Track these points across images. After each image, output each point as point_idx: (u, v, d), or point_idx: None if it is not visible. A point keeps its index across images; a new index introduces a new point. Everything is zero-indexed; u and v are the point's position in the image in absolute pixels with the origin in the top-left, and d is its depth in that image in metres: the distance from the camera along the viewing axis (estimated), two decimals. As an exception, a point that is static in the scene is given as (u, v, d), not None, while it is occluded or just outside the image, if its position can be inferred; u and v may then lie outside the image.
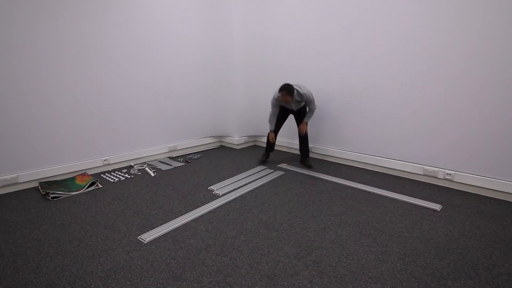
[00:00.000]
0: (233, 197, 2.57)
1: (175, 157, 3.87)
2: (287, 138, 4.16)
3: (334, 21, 3.33)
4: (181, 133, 4.00)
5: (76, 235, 1.96)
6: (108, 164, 3.29)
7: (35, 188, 2.73)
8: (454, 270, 1.62)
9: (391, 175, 3.16)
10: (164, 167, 3.43)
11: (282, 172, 3.24)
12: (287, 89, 3.00)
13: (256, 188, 2.79)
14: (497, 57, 2.41)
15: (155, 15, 3.41)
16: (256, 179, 3.02)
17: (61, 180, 2.85)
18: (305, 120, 3.35)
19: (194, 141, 4.17)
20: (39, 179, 2.79)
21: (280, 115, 3.44)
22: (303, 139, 3.48)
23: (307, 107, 3.34)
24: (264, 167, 3.44)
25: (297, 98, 3.17)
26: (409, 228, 2.06)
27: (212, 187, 2.80)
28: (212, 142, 4.43)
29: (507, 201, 2.51)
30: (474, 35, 2.49)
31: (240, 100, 4.21)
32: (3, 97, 2.52)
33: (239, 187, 2.80)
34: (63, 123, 2.89)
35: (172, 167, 3.44)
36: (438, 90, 2.74)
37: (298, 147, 4.02)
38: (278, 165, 3.51)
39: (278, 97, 3.11)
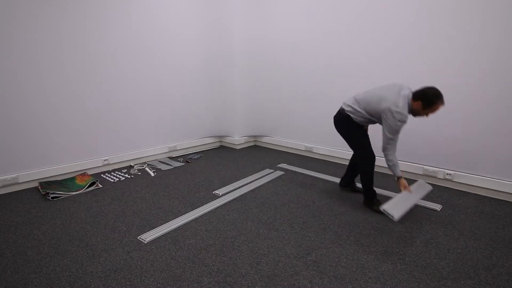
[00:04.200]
0: (233, 197, 2.57)
1: (175, 157, 3.87)
2: (288, 138, 4.15)
3: (335, 19, 3.33)
4: (181, 133, 3.99)
5: (76, 235, 1.95)
6: (108, 164, 3.29)
7: (35, 188, 2.73)
8: (454, 270, 1.62)
9: (391, 175, 3.16)
10: (164, 167, 3.43)
11: (282, 172, 3.24)
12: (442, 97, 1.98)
13: (256, 188, 2.79)
14: (497, 57, 2.41)
15: (155, 14, 3.41)
16: (256, 179, 3.02)
17: (61, 180, 2.85)
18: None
19: (194, 141, 4.17)
20: (39, 179, 2.79)
21: (361, 130, 2.41)
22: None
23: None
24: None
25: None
26: (409, 228, 2.06)
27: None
28: (212, 142, 4.43)
29: (507, 201, 2.51)
30: (474, 34, 2.49)
31: (240, 100, 4.20)
32: (4, 97, 2.52)
33: (239, 187, 2.80)
34: (63, 123, 2.89)
35: (172, 167, 3.44)
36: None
37: (297, 147, 4.03)
38: (278, 165, 3.51)
39: (431, 108, 2.00)
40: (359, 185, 2.85)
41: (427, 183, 2.45)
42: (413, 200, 2.10)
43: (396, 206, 1.88)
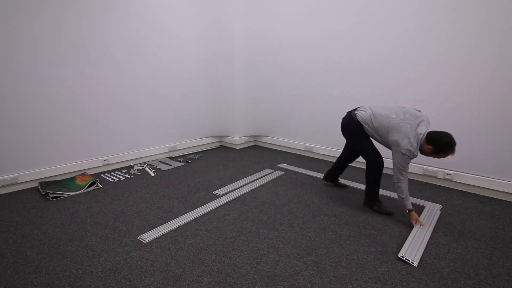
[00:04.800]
0: (233, 197, 2.57)
1: (175, 157, 3.87)
2: (288, 138, 4.15)
3: (335, 19, 3.32)
4: (181, 133, 3.99)
5: (76, 235, 1.95)
6: (108, 164, 3.29)
7: (35, 188, 2.73)
8: (454, 270, 1.62)
9: (391, 175, 3.15)
10: (164, 167, 3.43)
11: (282, 172, 3.24)
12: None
13: (256, 188, 2.79)
14: (496, 58, 2.41)
15: (155, 14, 3.41)
16: (256, 179, 3.02)
17: (61, 180, 2.85)
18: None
19: (194, 141, 4.17)
20: (39, 179, 2.79)
21: (368, 137, 2.34)
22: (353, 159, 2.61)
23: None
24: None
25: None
26: (409, 228, 2.06)
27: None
28: (212, 142, 4.43)
29: (507, 201, 2.51)
30: (475, 35, 2.49)
31: (240, 100, 4.21)
32: (4, 97, 2.52)
33: (239, 187, 2.80)
34: (63, 123, 2.89)
35: (172, 167, 3.44)
36: (437, 90, 2.74)
37: (297, 147, 4.03)
38: (278, 165, 3.51)
39: (439, 155, 1.97)
40: (342, 180, 2.89)
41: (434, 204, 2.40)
42: (427, 234, 1.97)
43: (413, 249, 1.81)
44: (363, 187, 2.79)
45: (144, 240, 1.88)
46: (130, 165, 3.46)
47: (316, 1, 3.44)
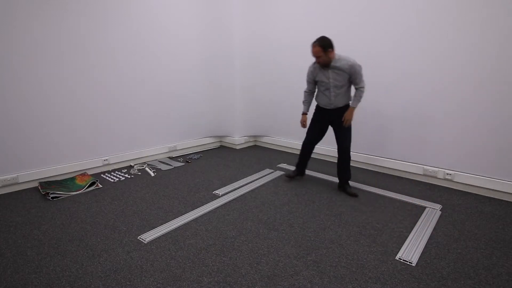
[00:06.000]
0: (233, 197, 2.57)
1: (175, 157, 3.87)
2: (288, 138, 4.15)
3: (335, 19, 3.32)
4: (181, 133, 3.99)
5: (76, 235, 1.96)
6: (108, 164, 3.29)
7: (35, 188, 2.73)
8: (454, 270, 1.62)
9: (391, 175, 3.16)
10: (164, 167, 3.43)
11: (282, 172, 3.24)
12: (319, 40, 2.38)
13: (256, 188, 2.79)
14: (496, 57, 2.41)
15: (155, 14, 3.41)
16: (256, 179, 3.02)
17: (61, 180, 2.85)
18: (352, 105, 2.53)
19: (194, 141, 4.17)
20: (39, 179, 2.79)
21: (316, 123, 2.84)
22: (343, 158, 2.66)
23: (354, 89, 2.53)
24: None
25: (337, 65, 2.44)
26: (409, 228, 2.06)
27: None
28: (212, 142, 4.43)
29: (507, 201, 2.52)
30: (474, 34, 2.49)
31: (240, 100, 4.20)
32: (4, 97, 2.52)
33: (239, 187, 2.80)
34: (63, 123, 2.89)
35: (172, 167, 3.44)
36: (437, 90, 2.74)
37: (297, 147, 4.03)
38: (278, 165, 3.51)
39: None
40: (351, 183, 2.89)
41: (433, 204, 2.42)
42: (426, 235, 1.98)
43: (412, 249, 1.82)
44: (363, 187, 2.80)
45: (144, 240, 1.88)
46: (130, 165, 3.46)
47: (316, 1, 3.43)
